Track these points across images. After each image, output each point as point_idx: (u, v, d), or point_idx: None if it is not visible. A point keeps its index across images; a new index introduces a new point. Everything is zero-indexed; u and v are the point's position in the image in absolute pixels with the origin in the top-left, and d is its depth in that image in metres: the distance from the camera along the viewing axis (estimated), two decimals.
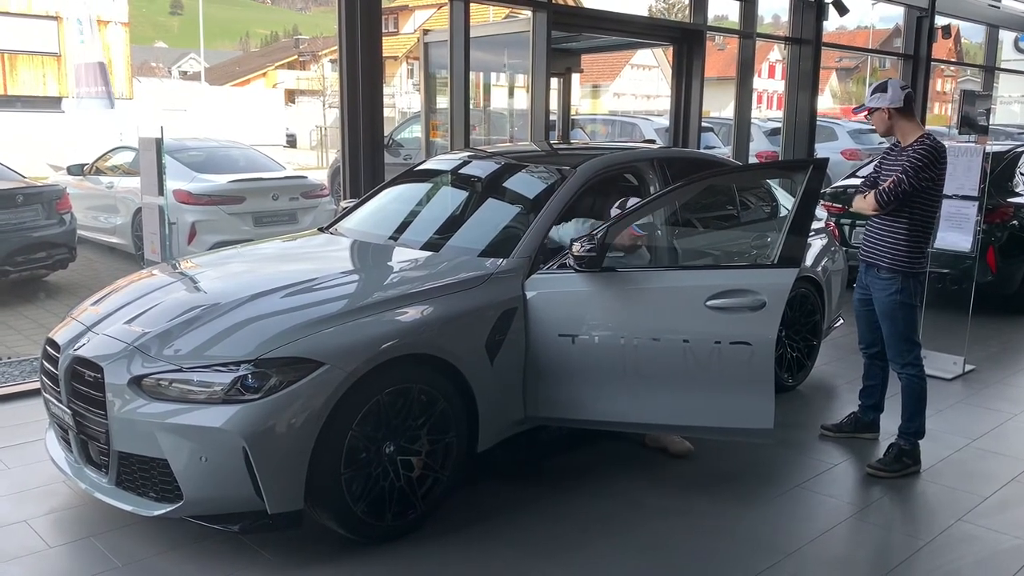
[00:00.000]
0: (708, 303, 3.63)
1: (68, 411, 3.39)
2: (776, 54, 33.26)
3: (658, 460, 4.25)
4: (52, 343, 3.61)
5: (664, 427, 3.97)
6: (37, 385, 4.35)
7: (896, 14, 13.47)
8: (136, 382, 3.17)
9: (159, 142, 5.14)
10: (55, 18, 23.72)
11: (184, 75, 47.54)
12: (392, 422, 3.32)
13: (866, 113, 4.25)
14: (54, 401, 3.52)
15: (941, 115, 34.03)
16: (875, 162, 4.49)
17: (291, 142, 32.03)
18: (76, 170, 10.09)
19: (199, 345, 3.26)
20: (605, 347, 3.76)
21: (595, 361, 3.76)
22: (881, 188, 4.07)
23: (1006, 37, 17.40)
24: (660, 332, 3.69)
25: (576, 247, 3.69)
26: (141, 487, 3.24)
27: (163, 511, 3.16)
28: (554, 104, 9.86)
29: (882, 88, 4.17)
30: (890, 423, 4.40)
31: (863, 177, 4.56)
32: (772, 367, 3.64)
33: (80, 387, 3.35)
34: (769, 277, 3.67)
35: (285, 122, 33.19)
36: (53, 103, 23.94)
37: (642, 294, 3.76)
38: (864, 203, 4.18)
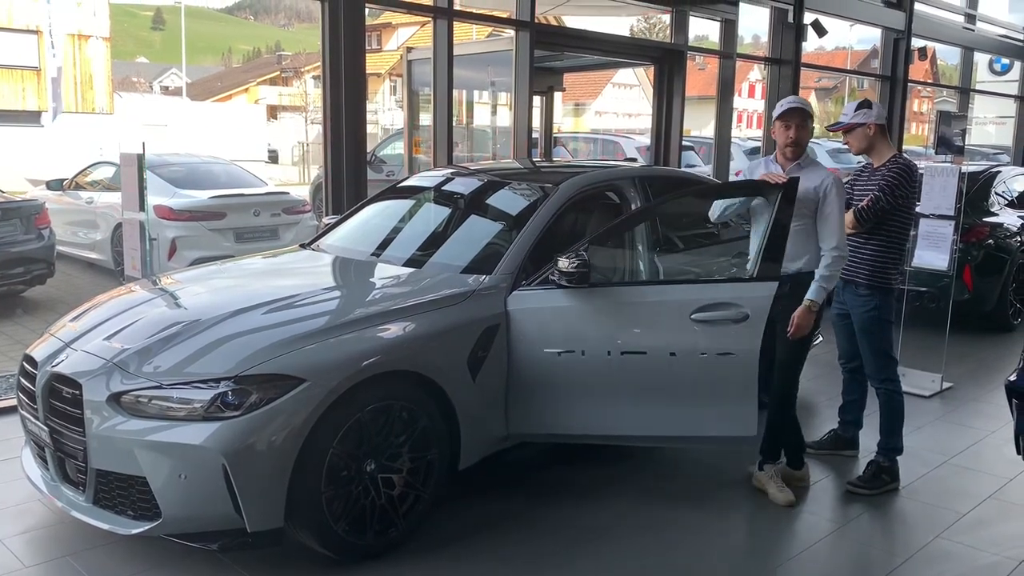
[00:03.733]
0: (693, 316, 3.70)
1: (45, 428, 3.36)
2: (756, 74, 33.59)
3: (638, 475, 4.26)
4: (30, 359, 3.58)
5: (651, 438, 3.98)
6: (14, 402, 4.29)
7: (874, 36, 13.67)
8: (115, 399, 3.14)
9: (141, 158, 5.11)
10: (35, 32, 23.62)
11: (165, 90, 47.32)
12: (373, 439, 3.31)
13: (844, 130, 4.28)
14: (31, 418, 3.49)
15: (918, 135, 34.45)
16: (847, 183, 4.55)
17: (273, 158, 31.97)
18: (56, 185, 10.02)
19: (179, 362, 3.24)
20: (591, 362, 3.76)
21: (581, 376, 3.78)
22: (859, 207, 4.17)
23: (981, 59, 17.67)
24: (647, 346, 3.75)
25: (564, 263, 3.70)
26: (119, 505, 3.21)
27: (141, 529, 3.13)
28: (536, 122, 9.91)
29: (867, 105, 4.24)
30: (869, 440, 4.43)
31: None
32: (756, 376, 3.70)
33: (58, 404, 3.32)
34: (750, 291, 3.75)
35: (267, 138, 33.14)
36: (32, 117, 23.80)
37: (627, 308, 3.82)
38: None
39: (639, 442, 4.09)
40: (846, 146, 4.39)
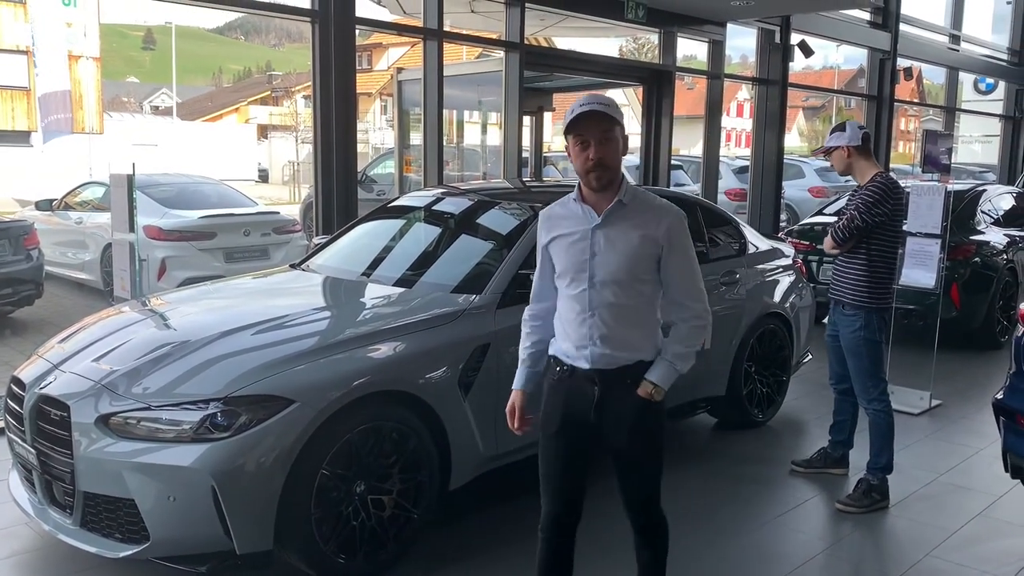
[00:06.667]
0: None
1: (33, 451, 3.33)
2: (744, 93, 33.84)
3: None
4: (17, 381, 3.56)
5: None
6: (1, 424, 4.27)
7: (860, 55, 13.82)
8: (103, 421, 3.13)
9: (130, 178, 5.10)
10: (24, 52, 23.60)
11: (156, 110, 47.36)
12: (363, 460, 3.30)
13: (824, 153, 4.37)
14: (18, 441, 3.46)
15: (905, 153, 34.73)
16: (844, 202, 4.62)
17: (263, 177, 31.98)
18: (45, 205, 10.00)
19: (168, 383, 3.23)
20: None
21: None
22: (836, 225, 4.19)
23: (966, 79, 17.87)
24: None
25: None
26: (107, 528, 3.18)
27: (129, 552, 3.10)
28: (526, 141, 9.96)
29: (840, 128, 4.32)
30: (859, 458, 4.44)
31: (832, 215, 4.67)
32: None
33: (46, 426, 3.29)
34: None
35: (257, 157, 33.17)
36: (22, 137, 23.73)
37: None
38: (825, 242, 4.31)
39: None
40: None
